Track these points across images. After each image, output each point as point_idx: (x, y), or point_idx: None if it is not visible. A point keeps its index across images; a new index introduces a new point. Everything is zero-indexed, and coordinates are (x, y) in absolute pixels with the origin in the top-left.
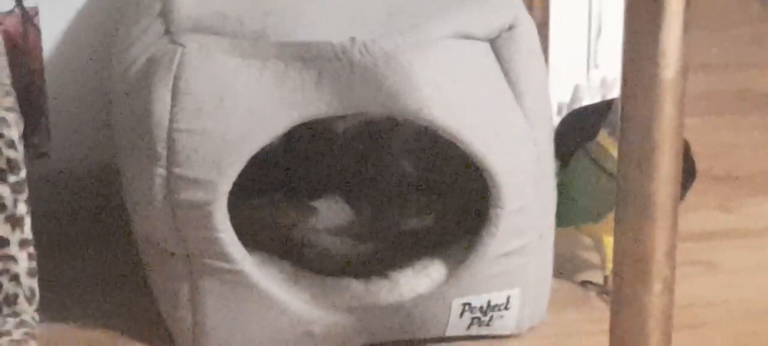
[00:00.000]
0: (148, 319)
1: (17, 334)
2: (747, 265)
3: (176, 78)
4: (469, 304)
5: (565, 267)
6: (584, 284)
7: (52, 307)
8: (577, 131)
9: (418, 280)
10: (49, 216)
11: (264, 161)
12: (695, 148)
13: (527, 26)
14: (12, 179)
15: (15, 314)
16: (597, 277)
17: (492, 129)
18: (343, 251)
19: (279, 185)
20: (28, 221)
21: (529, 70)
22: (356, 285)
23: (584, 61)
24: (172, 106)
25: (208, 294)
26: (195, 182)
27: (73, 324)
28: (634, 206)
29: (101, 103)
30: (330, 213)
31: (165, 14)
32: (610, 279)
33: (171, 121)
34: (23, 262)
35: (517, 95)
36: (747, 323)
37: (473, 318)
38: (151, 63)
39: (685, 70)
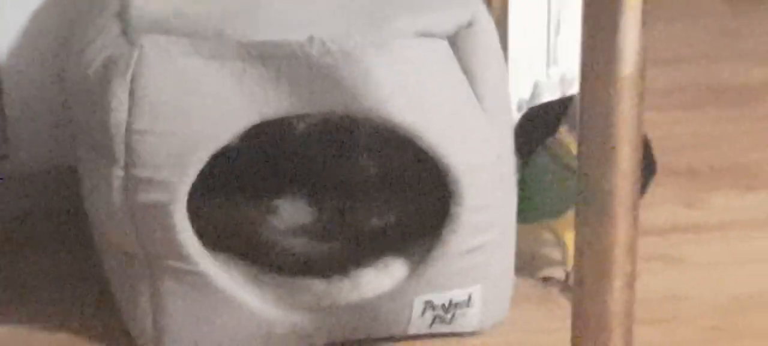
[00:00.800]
0: (108, 321)
1: None
2: (710, 259)
3: (133, 79)
4: (430, 302)
5: (526, 264)
6: (546, 280)
7: (10, 309)
8: (537, 128)
9: (379, 279)
10: (7, 218)
11: (224, 161)
12: (660, 143)
13: (486, 23)
14: None
15: None
16: (558, 273)
17: (452, 127)
18: (304, 251)
19: (240, 185)
20: None
21: (488, 67)
22: (318, 285)
23: (544, 57)
24: (130, 106)
25: (169, 296)
26: (154, 183)
27: (31, 326)
28: (594, 201)
29: (59, 104)
30: (291, 213)
31: (122, 14)
32: (572, 275)
33: (129, 122)
34: None
35: (477, 92)
36: (710, 318)
37: (435, 316)
38: (108, 64)
39: (643, 66)
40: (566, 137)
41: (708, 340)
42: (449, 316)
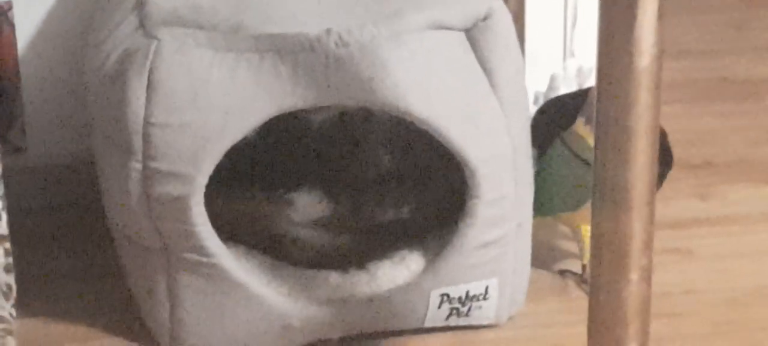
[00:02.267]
0: (125, 314)
1: None
2: (724, 252)
3: (151, 72)
4: (447, 295)
5: (543, 256)
6: (562, 273)
7: (29, 302)
8: (553, 120)
9: (396, 271)
10: (26, 211)
11: (240, 154)
12: (673, 136)
13: (502, 16)
14: None
15: None
16: (575, 266)
17: (468, 119)
18: (320, 243)
19: (256, 177)
20: (4, 217)
21: (505, 59)
22: (334, 277)
23: (560, 50)
24: (148, 100)
25: (185, 288)
26: (171, 176)
27: (50, 320)
28: (610, 194)
29: (77, 98)
30: (307, 205)
31: (139, 7)
32: (588, 268)
33: (146, 115)
34: (0, 257)
35: (493, 85)
36: (725, 311)
37: (452, 309)
38: (126, 57)
39: (660, 59)
40: (583, 130)
41: (723, 333)
42: (466, 309)
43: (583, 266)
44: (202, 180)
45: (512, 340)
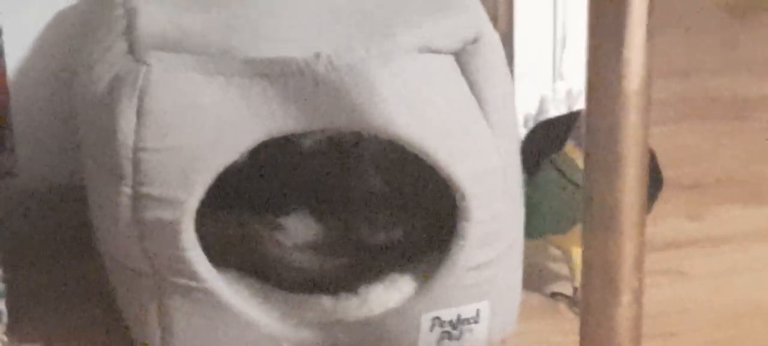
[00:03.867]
0: (117, 337)
1: None
2: (716, 272)
3: (140, 96)
4: (439, 318)
5: (534, 279)
6: (554, 295)
7: (21, 327)
8: (543, 143)
9: (387, 294)
10: (16, 236)
11: (231, 178)
12: (662, 156)
13: (491, 39)
14: None
15: None
16: (566, 288)
17: (458, 142)
18: (311, 267)
19: (246, 201)
20: None
21: (494, 82)
22: (325, 301)
23: (550, 72)
24: (137, 124)
25: (176, 313)
26: (161, 201)
27: (41, 344)
28: (600, 216)
29: (67, 123)
30: (298, 229)
31: (129, 32)
32: (580, 290)
33: (136, 139)
34: None
35: (483, 108)
36: (718, 331)
37: (443, 332)
38: (116, 82)
39: (649, 80)
40: (573, 152)
41: None
42: (457, 332)
43: (575, 289)
44: (193, 204)
45: None
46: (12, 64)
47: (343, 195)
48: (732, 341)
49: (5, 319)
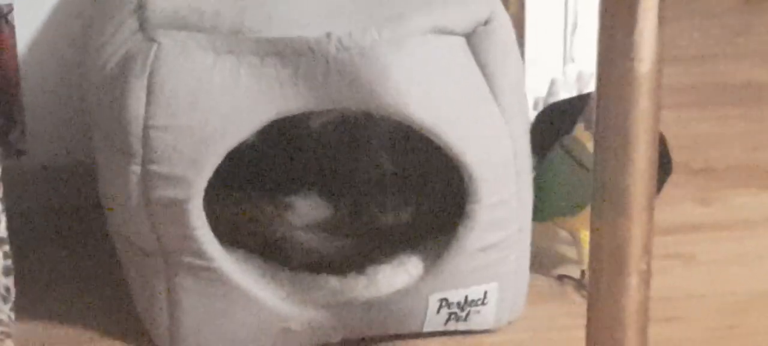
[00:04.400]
0: (125, 316)
1: None
2: (724, 257)
3: (151, 75)
4: (446, 299)
5: (542, 261)
6: (561, 278)
7: (29, 305)
8: (553, 126)
9: (395, 275)
10: (25, 214)
11: (240, 158)
12: (672, 141)
13: (503, 21)
14: None
15: None
16: (574, 271)
17: (468, 124)
18: (319, 247)
19: (255, 181)
20: (3, 219)
21: (505, 64)
22: (333, 281)
23: (560, 55)
24: (148, 102)
25: (184, 292)
26: (171, 179)
27: (49, 322)
28: (610, 200)
29: (77, 101)
30: (307, 209)
31: (140, 10)
32: (587, 273)
33: (146, 117)
34: None
35: (493, 90)
36: (724, 316)
37: (450, 313)
38: (126, 60)
39: (660, 64)
40: (583, 135)
41: (723, 338)
42: (464, 313)
43: (582, 272)
44: (202, 183)
45: (511, 345)
46: (23, 42)
47: (352, 176)
48: (739, 326)
49: (13, 296)
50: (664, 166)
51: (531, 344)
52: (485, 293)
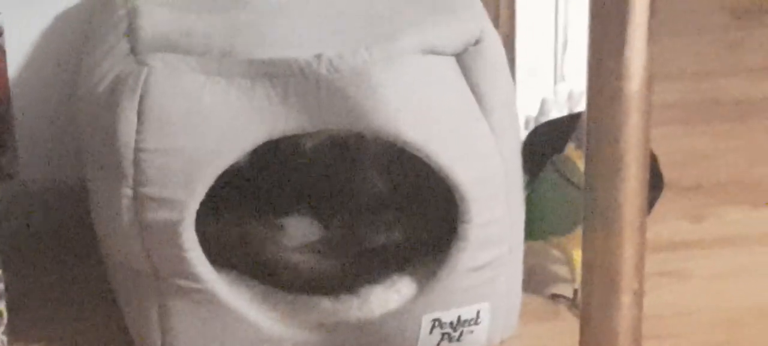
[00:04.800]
0: (117, 338)
1: None
2: (717, 274)
3: (142, 97)
4: (439, 319)
5: (534, 281)
6: (554, 297)
7: (21, 328)
8: (544, 145)
9: (387, 296)
10: (17, 236)
11: (232, 179)
12: (664, 158)
13: (493, 41)
14: None
15: None
16: (567, 290)
17: (459, 144)
18: (312, 268)
19: (247, 203)
20: None
21: (496, 84)
22: (326, 302)
23: (551, 74)
24: (139, 125)
25: (177, 314)
26: (162, 202)
27: (42, 345)
28: (601, 218)
29: (69, 123)
30: (298, 230)
31: (131, 33)
32: (580, 292)
33: (137, 140)
34: None
35: (484, 110)
36: (718, 333)
37: (443, 334)
38: (117, 83)
39: (650, 82)
40: (574, 154)
41: None
42: (457, 334)
43: (575, 291)
44: (194, 205)
45: None
46: (13, 65)
47: (344, 196)
48: (732, 342)
49: (5, 320)
50: (655, 183)
51: None
52: (478, 312)
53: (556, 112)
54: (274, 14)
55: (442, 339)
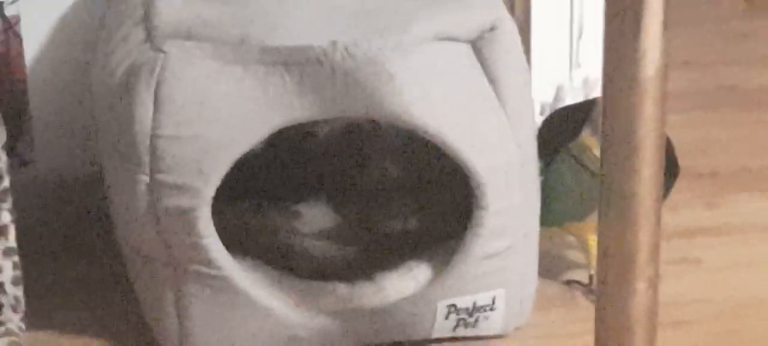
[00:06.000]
0: (134, 326)
1: (3, 343)
2: (731, 261)
3: (158, 85)
4: (454, 305)
5: (550, 267)
6: (569, 283)
7: (38, 315)
8: (560, 131)
9: (403, 282)
10: (34, 224)
11: (247, 166)
12: (679, 146)
13: (508, 27)
14: None
15: (0, 323)
16: (582, 276)
17: (474, 130)
18: (327, 255)
19: (263, 189)
20: (12, 230)
21: (511, 70)
22: (341, 288)
23: (566, 61)
24: (155, 112)
25: (193, 300)
26: (178, 188)
27: (59, 332)
28: (617, 204)
29: (85, 111)
30: (314, 217)
31: (146, 21)
32: (595, 278)
33: (154, 127)
34: (8, 271)
35: (500, 96)
36: (732, 320)
37: (459, 319)
38: (133, 70)
39: (665, 69)
40: (589, 140)
41: (730, 342)
42: (473, 319)
43: (590, 276)
44: (210, 192)
45: None
46: (30, 53)
47: (359, 183)
48: (744, 330)
49: (23, 307)
50: (671, 170)
51: None
52: (493, 298)
53: (571, 99)
54: (288, 2)
55: (457, 325)
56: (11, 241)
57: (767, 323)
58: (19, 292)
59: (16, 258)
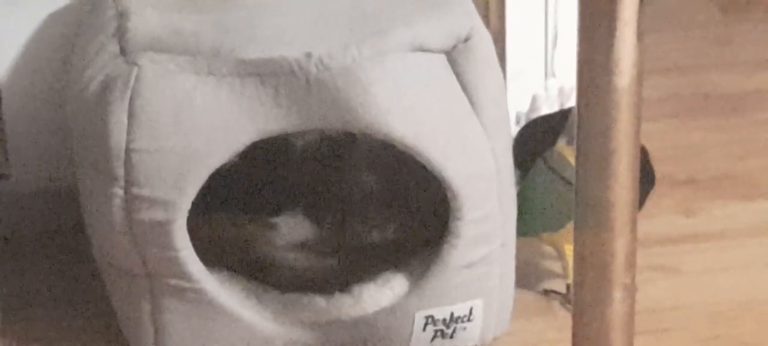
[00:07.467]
0: (110, 339)
1: None
2: (709, 268)
3: (132, 98)
4: (432, 316)
5: (527, 276)
6: (547, 292)
7: (14, 329)
8: (535, 140)
9: (380, 293)
10: (9, 238)
11: (224, 179)
12: (656, 153)
13: (483, 37)
14: None
15: None
16: (559, 285)
17: (450, 141)
18: (304, 267)
19: (239, 202)
20: None
21: (486, 80)
22: (319, 300)
23: (541, 70)
24: (129, 126)
25: (169, 313)
26: (154, 202)
27: (35, 345)
28: (592, 213)
29: (59, 124)
30: (291, 229)
31: (120, 33)
32: (572, 287)
33: (128, 141)
34: None
35: (475, 106)
36: (710, 327)
37: (436, 331)
38: (107, 83)
39: (640, 77)
40: (565, 149)
41: None
42: (450, 330)
43: (568, 286)
44: (185, 205)
45: None
46: (3, 66)
47: (336, 194)
48: (725, 337)
49: None
50: (646, 178)
51: None
52: (471, 309)
53: (546, 109)
54: (263, 13)
55: (435, 336)
56: None
57: (746, 329)
58: None
59: None
